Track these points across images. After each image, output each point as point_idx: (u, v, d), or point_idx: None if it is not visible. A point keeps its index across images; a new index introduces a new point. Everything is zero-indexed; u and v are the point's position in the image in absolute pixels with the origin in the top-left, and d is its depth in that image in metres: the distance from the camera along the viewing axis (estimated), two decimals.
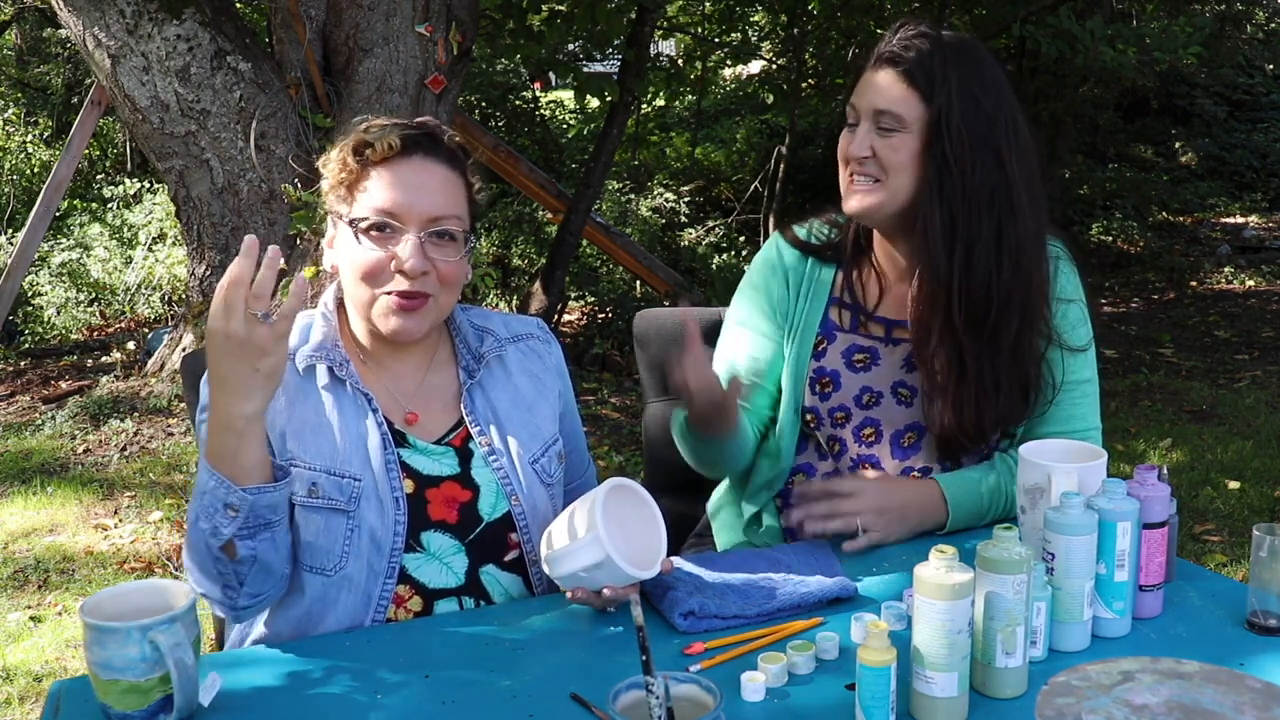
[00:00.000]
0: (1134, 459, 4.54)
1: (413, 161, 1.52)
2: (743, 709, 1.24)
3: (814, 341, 1.81)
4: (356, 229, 1.50)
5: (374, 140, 1.51)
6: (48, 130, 9.67)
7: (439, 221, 1.51)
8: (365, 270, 1.50)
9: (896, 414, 1.77)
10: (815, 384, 1.80)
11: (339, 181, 1.54)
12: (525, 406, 1.65)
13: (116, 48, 4.82)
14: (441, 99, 5.03)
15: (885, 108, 1.65)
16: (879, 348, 1.79)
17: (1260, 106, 12.15)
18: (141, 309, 7.15)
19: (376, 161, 1.51)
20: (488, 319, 1.70)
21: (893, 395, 1.77)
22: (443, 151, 1.55)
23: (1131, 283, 8.66)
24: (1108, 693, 1.13)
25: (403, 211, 1.50)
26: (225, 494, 1.35)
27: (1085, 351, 1.77)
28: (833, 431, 1.80)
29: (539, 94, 9.97)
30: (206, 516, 1.36)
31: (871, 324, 1.80)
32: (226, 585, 1.41)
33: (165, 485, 4.38)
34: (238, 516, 1.35)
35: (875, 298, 1.80)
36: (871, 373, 1.78)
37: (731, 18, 8.73)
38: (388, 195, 1.50)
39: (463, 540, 1.55)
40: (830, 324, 1.82)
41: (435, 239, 1.51)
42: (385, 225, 1.50)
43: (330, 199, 1.57)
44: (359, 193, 1.52)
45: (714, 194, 9.86)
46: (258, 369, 1.30)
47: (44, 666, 3.04)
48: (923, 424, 1.75)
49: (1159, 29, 6.42)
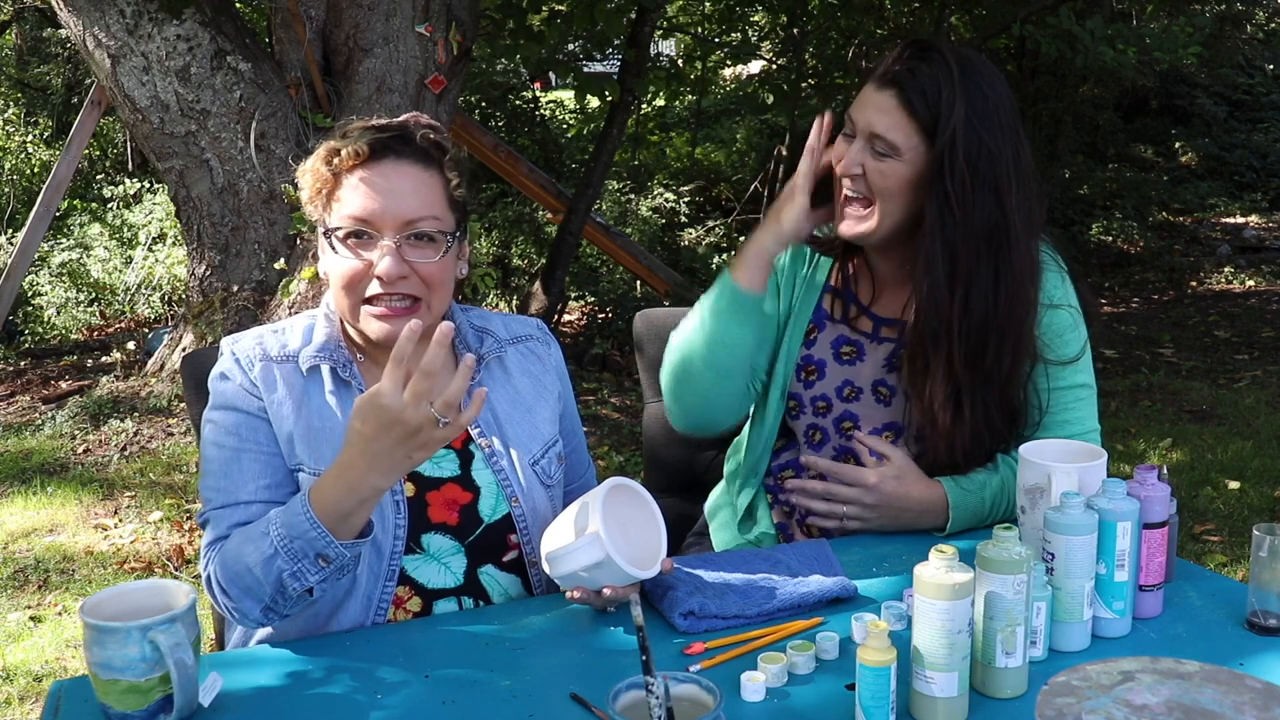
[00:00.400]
0: (1134, 459, 4.54)
1: (383, 165, 1.50)
2: (743, 709, 1.24)
3: (806, 329, 1.84)
4: (332, 238, 1.50)
5: (342, 147, 1.50)
6: (48, 130, 9.67)
7: (414, 224, 1.49)
8: (345, 280, 1.49)
9: (875, 411, 1.79)
10: (801, 370, 1.83)
11: (315, 191, 1.53)
12: (525, 408, 1.65)
13: (116, 48, 4.82)
14: (441, 99, 5.03)
15: (882, 133, 1.63)
16: (865, 343, 1.81)
17: (1260, 106, 12.15)
18: (141, 309, 7.15)
19: (347, 168, 1.50)
20: (487, 320, 1.70)
21: (872, 393, 1.79)
22: (414, 151, 1.52)
23: (1131, 283, 8.66)
24: (1108, 693, 1.13)
25: (375, 218, 1.48)
26: (324, 546, 1.34)
27: (1079, 360, 1.75)
28: (814, 420, 1.82)
29: (539, 94, 9.97)
30: (291, 559, 1.35)
31: (862, 318, 1.82)
32: (271, 609, 1.40)
33: (165, 485, 4.38)
34: (328, 568, 1.35)
35: (869, 295, 1.82)
36: (856, 367, 1.81)
37: (731, 18, 8.73)
38: (360, 202, 1.48)
39: (462, 542, 1.55)
40: (822, 312, 1.84)
41: (413, 242, 1.50)
42: (361, 233, 1.49)
43: (309, 210, 1.56)
44: (334, 202, 1.51)
45: (714, 194, 9.86)
46: (411, 458, 1.30)
47: (44, 666, 3.04)
48: (900, 423, 1.77)
49: (1159, 29, 6.43)
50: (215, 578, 1.43)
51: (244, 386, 1.51)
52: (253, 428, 1.50)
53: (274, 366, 1.53)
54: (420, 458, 1.30)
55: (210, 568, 1.44)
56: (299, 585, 1.36)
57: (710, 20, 9.18)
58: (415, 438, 1.27)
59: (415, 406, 1.24)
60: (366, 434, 1.28)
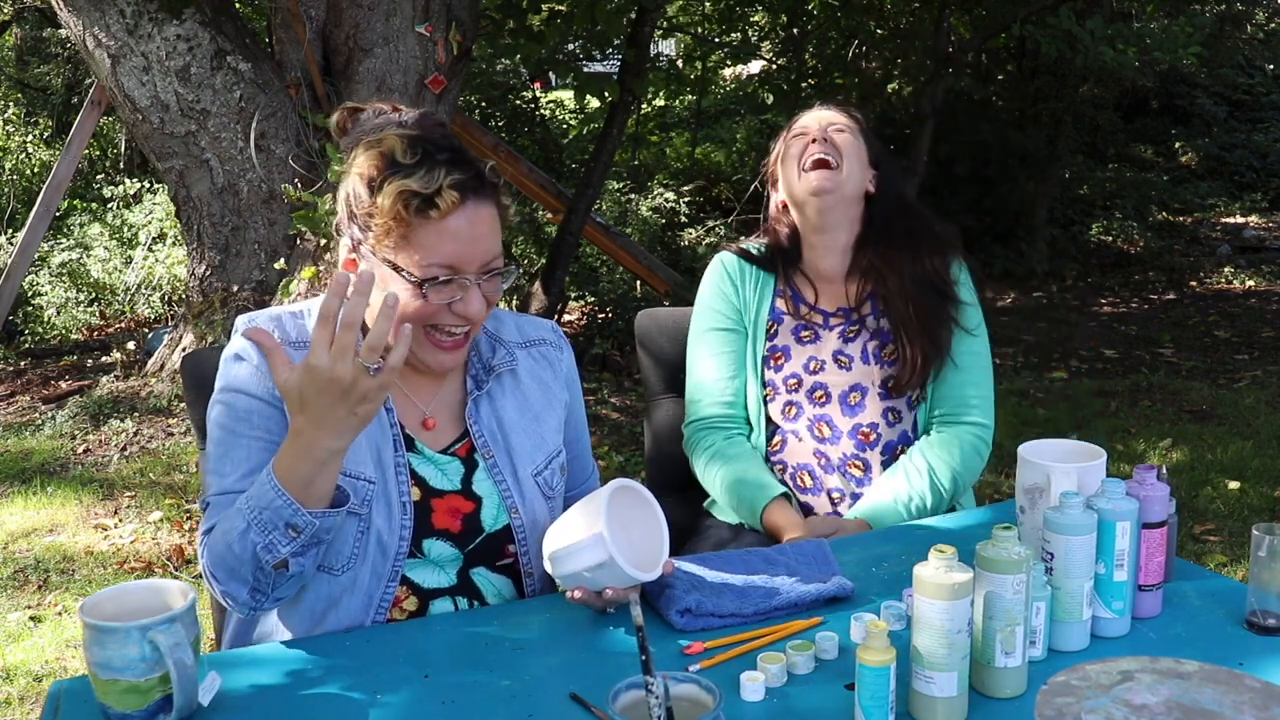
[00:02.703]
0: (1134, 459, 4.54)
1: (467, 210, 1.46)
2: (742, 709, 1.24)
3: (766, 327, 2.09)
4: (413, 281, 1.46)
5: (431, 194, 1.43)
6: (48, 130, 9.67)
7: (491, 264, 1.50)
8: (420, 316, 1.47)
9: (839, 377, 2.04)
10: (769, 360, 2.07)
11: (387, 230, 1.46)
12: (532, 416, 1.64)
13: (116, 48, 4.82)
14: (441, 99, 5.04)
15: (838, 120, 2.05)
16: (819, 328, 2.08)
17: (1260, 106, 12.14)
18: (141, 309, 7.15)
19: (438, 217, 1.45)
20: (501, 323, 1.69)
21: (834, 362, 2.05)
22: (487, 190, 1.49)
23: (1131, 283, 8.65)
24: (1107, 692, 1.13)
25: (464, 263, 1.46)
26: (291, 515, 1.34)
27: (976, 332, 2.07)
28: (789, 398, 2.05)
29: (539, 94, 9.97)
30: (262, 531, 1.34)
31: (812, 314, 2.09)
32: (258, 590, 1.40)
33: (165, 485, 4.38)
34: (299, 537, 1.35)
35: (812, 297, 2.09)
36: (816, 344, 2.07)
37: (731, 18, 8.73)
38: (452, 249, 1.45)
39: (463, 549, 1.56)
40: (778, 311, 2.10)
41: (487, 279, 1.50)
42: (449, 279, 1.46)
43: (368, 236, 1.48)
44: (413, 244, 1.45)
45: (714, 194, 9.85)
46: (355, 413, 1.30)
47: (44, 666, 3.04)
48: (864, 385, 2.03)
49: (1159, 29, 6.43)
50: (206, 565, 1.43)
51: (260, 369, 1.48)
52: (265, 415, 1.48)
53: (291, 350, 1.50)
54: (367, 411, 1.30)
55: (203, 558, 1.44)
56: (271, 558, 1.35)
57: (710, 20, 9.18)
58: (352, 393, 1.27)
59: (342, 361, 1.25)
60: (307, 398, 1.29)
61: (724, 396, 2.06)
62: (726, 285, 2.11)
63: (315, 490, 1.34)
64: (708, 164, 10.11)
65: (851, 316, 2.07)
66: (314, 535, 1.36)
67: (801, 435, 2.03)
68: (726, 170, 10.09)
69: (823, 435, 2.02)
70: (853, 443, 2.01)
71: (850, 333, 2.05)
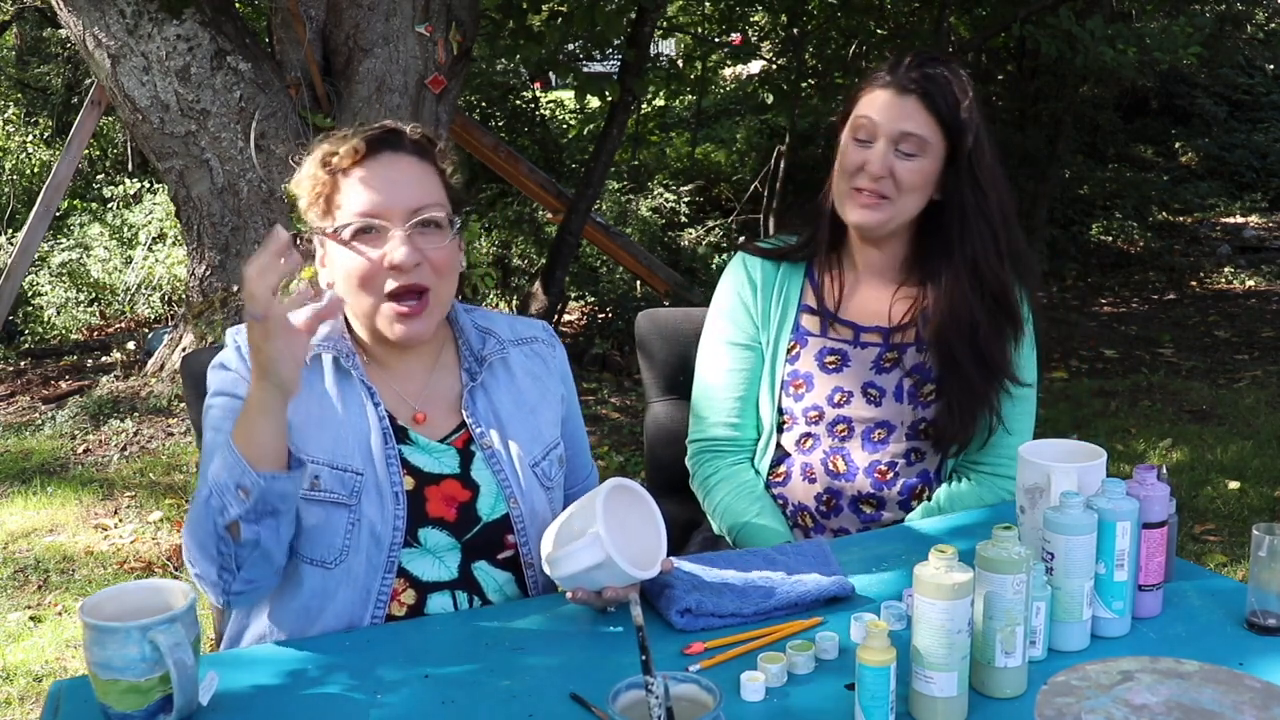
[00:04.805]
0: (1134, 459, 4.54)
1: (381, 159, 1.53)
2: (742, 709, 1.24)
3: (787, 346, 1.92)
4: (342, 238, 1.51)
5: (337, 148, 1.52)
6: (48, 130, 9.66)
7: (421, 211, 1.52)
8: (360, 276, 1.51)
9: (866, 412, 1.88)
10: (789, 386, 1.91)
11: (315, 197, 1.55)
12: (528, 409, 1.65)
13: (116, 48, 4.82)
14: (441, 99, 5.03)
15: (913, 131, 1.77)
16: (849, 350, 1.89)
17: (1260, 106, 12.13)
18: (141, 309, 7.14)
19: (345, 168, 1.52)
20: (491, 321, 1.70)
21: (863, 395, 1.88)
22: (407, 145, 1.56)
23: (1131, 283, 8.65)
24: (1107, 692, 1.13)
25: (383, 210, 1.51)
26: (240, 474, 1.36)
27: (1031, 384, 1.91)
28: (807, 429, 1.90)
29: (539, 94, 9.96)
30: (219, 494, 1.37)
31: (839, 326, 1.90)
32: (224, 568, 1.41)
33: (165, 485, 4.37)
34: (247, 500, 1.36)
35: (840, 300, 1.91)
36: (843, 374, 1.89)
37: (731, 18, 8.73)
38: (365, 197, 1.51)
39: (459, 539, 1.56)
40: (802, 330, 1.92)
41: (421, 229, 1.52)
42: (370, 227, 1.51)
43: (310, 217, 1.58)
44: (336, 204, 1.53)
45: (714, 194, 9.85)
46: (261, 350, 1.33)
47: (44, 666, 3.04)
48: (892, 422, 1.87)
49: (1159, 29, 6.42)
50: (185, 551, 1.45)
51: (240, 374, 1.52)
52: None
53: None
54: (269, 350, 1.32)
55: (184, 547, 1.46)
56: (223, 520, 1.36)
57: (710, 20, 9.17)
58: (254, 330, 1.31)
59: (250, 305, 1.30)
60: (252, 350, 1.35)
61: (731, 418, 1.94)
62: (746, 292, 1.94)
63: (260, 445, 1.36)
64: (708, 164, 10.10)
65: (889, 340, 1.88)
66: (263, 498, 1.37)
67: (814, 469, 1.90)
68: (726, 170, 10.09)
69: (837, 470, 1.88)
70: (869, 480, 1.87)
71: (886, 361, 1.87)
